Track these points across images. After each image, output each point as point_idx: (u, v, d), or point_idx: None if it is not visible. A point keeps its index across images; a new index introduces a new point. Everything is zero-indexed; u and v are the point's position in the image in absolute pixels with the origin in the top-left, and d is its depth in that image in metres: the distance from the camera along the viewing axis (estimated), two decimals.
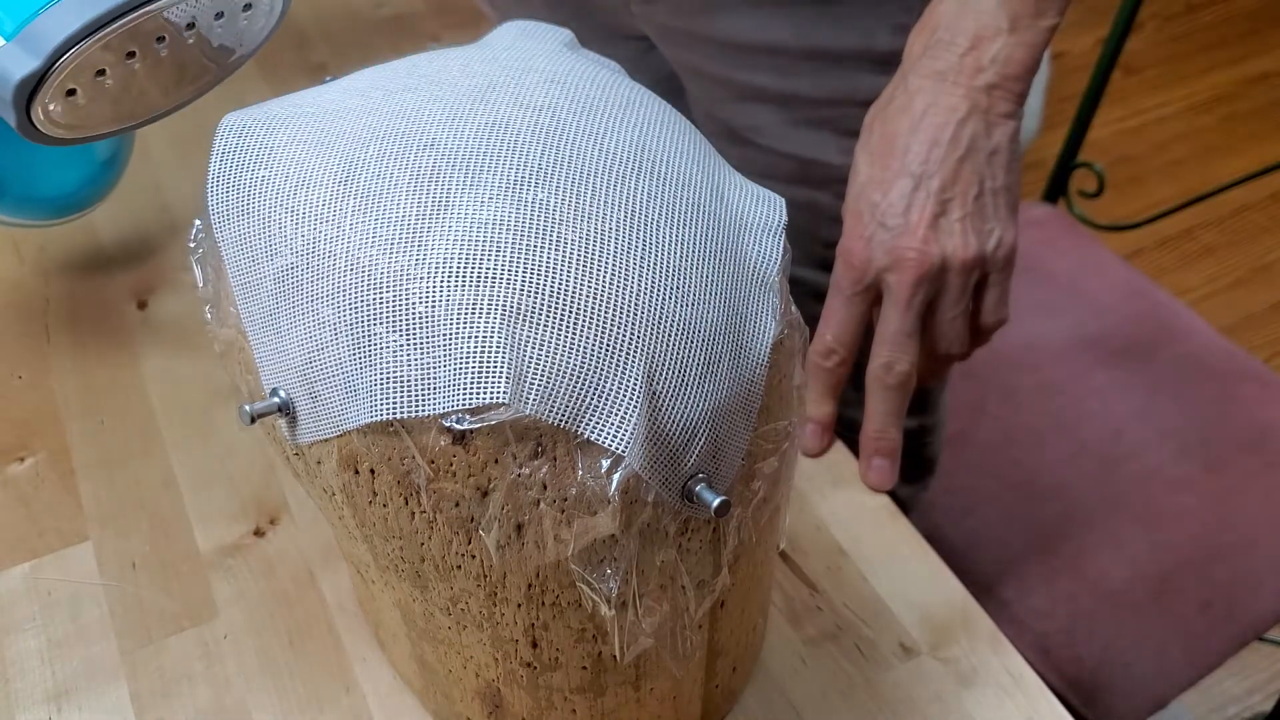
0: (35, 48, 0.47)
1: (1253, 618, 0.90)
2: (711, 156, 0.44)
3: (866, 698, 0.55)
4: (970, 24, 0.56)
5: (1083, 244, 1.19)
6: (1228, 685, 1.39)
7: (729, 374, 0.39)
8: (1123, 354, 1.07)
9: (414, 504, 0.39)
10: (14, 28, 0.47)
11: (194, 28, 0.52)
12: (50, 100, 0.49)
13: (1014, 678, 0.55)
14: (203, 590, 0.59)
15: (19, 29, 0.47)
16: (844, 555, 0.60)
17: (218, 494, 0.63)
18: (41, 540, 0.61)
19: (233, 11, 0.53)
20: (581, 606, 0.41)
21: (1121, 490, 0.96)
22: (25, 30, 0.46)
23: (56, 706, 0.54)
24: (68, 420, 0.67)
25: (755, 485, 0.42)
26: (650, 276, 0.38)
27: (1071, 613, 0.88)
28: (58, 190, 0.71)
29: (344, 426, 0.39)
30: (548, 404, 0.36)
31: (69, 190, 0.71)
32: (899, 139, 0.57)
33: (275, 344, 0.41)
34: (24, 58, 0.47)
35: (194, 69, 0.55)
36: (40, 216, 0.72)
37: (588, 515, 0.37)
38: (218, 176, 0.42)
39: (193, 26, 0.52)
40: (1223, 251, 1.96)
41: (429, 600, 0.44)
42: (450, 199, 0.38)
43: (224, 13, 0.53)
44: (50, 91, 0.48)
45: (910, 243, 0.56)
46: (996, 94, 0.56)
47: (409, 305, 0.37)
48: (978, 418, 1.02)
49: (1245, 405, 1.03)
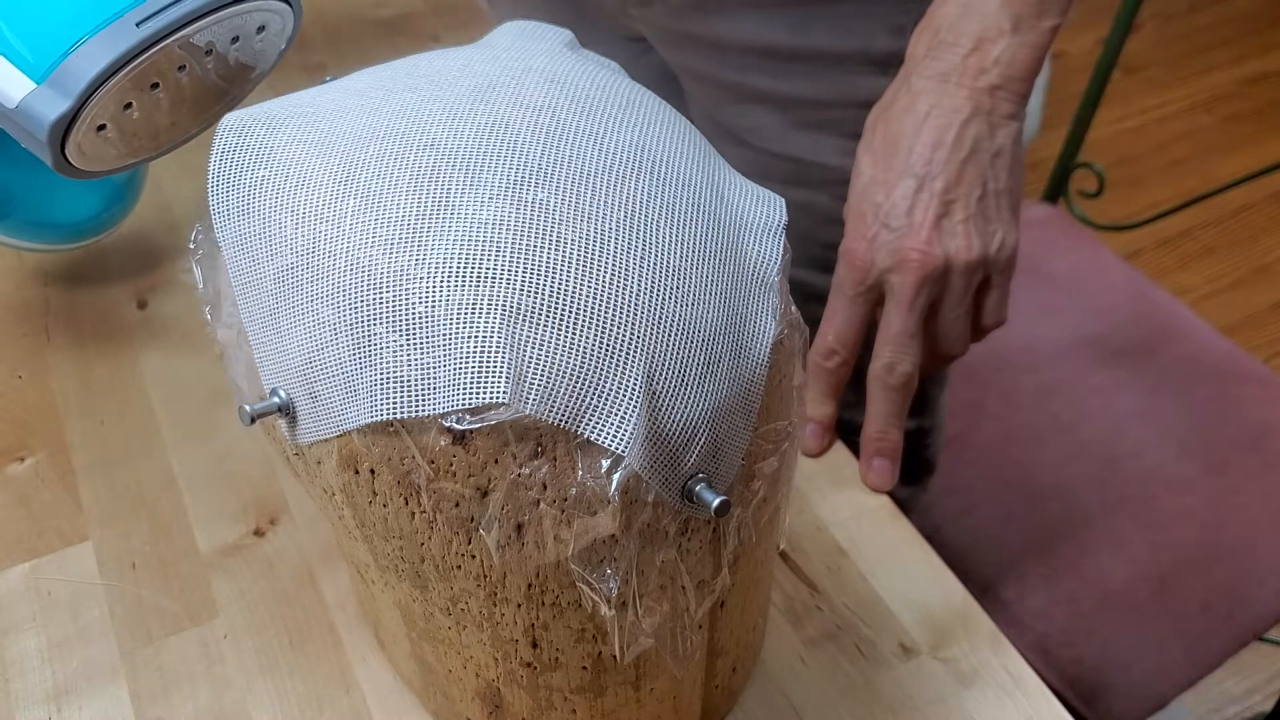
0: (66, 89, 0.47)
1: (1253, 618, 0.90)
2: (711, 156, 0.44)
3: (866, 698, 0.55)
4: (973, 25, 0.56)
5: (1083, 244, 1.19)
6: (1228, 685, 1.39)
7: (729, 374, 0.39)
8: (1123, 354, 1.07)
9: (414, 504, 0.39)
10: (44, 70, 0.47)
11: (212, 53, 0.52)
12: (82, 137, 0.49)
13: (1014, 678, 0.55)
14: (203, 590, 0.59)
15: (49, 71, 0.47)
16: (844, 555, 0.60)
17: (218, 494, 0.63)
18: (41, 540, 0.61)
19: (248, 34, 0.53)
20: (581, 606, 0.41)
21: (1121, 490, 0.96)
22: (55, 72, 0.47)
23: (56, 706, 0.54)
24: (68, 420, 0.67)
25: (755, 485, 0.42)
26: (650, 276, 0.38)
27: (1071, 613, 0.88)
28: (73, 215, 0.70)
29: (344, 426, 0.39)
30: (548, 404, 0.36)
31: (85, 215, 0.71)
32: (902, 140, 0.57)
33: (275, 344, 0.41)
34: (56, 99, 0.47)
35: (214, 93, 0.55)
36: (54, 241, 0.72)
37: (588, 515, 0.37)
38: (218, 176, 0.42)
39: (211, 52, 0.52)
40: (1223, 251, 1.96)
41: (429, 600, 0.44)
42: (450, 199, 0.38)
43: (240, 36, 0.53)
44: (83, 129, 0.49)
45: (914, 244, 0.56)
46: (1000, 95, 0.56)
47: (409, 305, 0.37)
48: (978, 418, 1.02)
49: (1245, 405, 1.03)
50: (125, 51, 0.47)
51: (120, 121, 0.51)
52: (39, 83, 0.48)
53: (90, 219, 0.71)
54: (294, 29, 0.57)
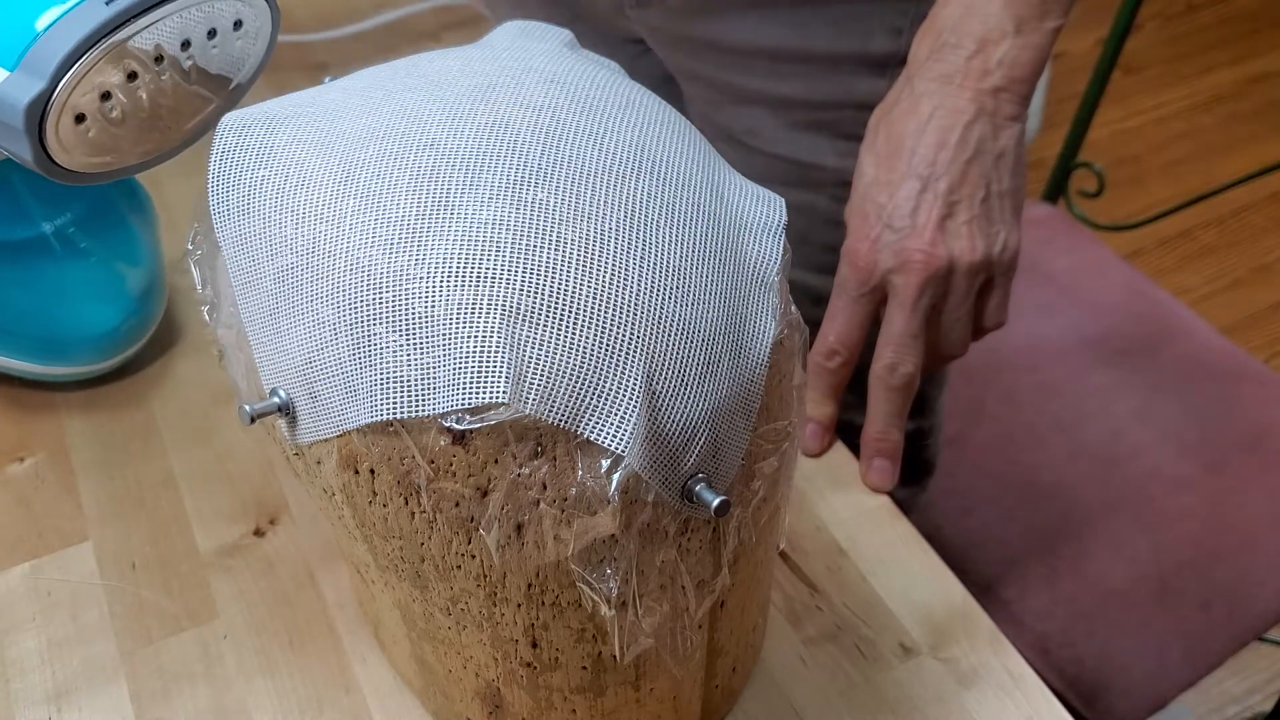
0: (38, 70, 0.48)
1: (1253, 618, 0.90)
2: (711, 156, 0.44)
3: (866, 698, 0.55)
4: (976, 27, 0.56)
5: (1083, 244, 1.19)
6: (1228, 685, 1.39)
7: (729, 374, 0.39)
8: (1123, 354, 1.07)
9: (414, 504, 0.39)
10: (16, 57, 0.48)
11: (189, 46, 0.52)
12: (61, 128, 0.49)
13: (1014, 678, 0.55)
14: (203, 590, 0.59)
15: (20, 58, 0.48)
16: (844, 555, 0.60)
17: (218, 494, 0.63)
18: (41, 540, 0.61)
19: (224, 30, 0.53)
20: (581, 606, 0.41)
21: (1121, 490, 0.96)
22: (27, 57, 0.48)
23: (56, 707, 0.54)
24: (68, 420, 0.67)
25: (755, 485, 0.42)
26: (650, 276, 0.38)
27: (1071, 613, 0.88)
28: (87, 330, 0.65)
29: (344, 426, 0.39)
30: (547, 404, 0.36)
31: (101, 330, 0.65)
32: (906, 141, 0.57)
33: (275, 344, 0.41)
34: (29, 82, 0.48)
35: (195, 101, 0.55)
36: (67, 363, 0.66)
37: (588, 515, 0.37)
38: (218, 176, 0.42)
39: (188, 45, 0.52)
40: (1223, 251, 1.96)
41: (429, 600, 0.44)
42: (450, 199, 0.38)
43: (216, 30, 0.53)
44: (58, 114, 0.49)
45: (918, 244, 0.56)
46: (1003, 97, 0.56)
47: (409, 305, 0.37)
48: (978, 418, 1.02)
49: (1245, 405, 1.03)
50: (95, 29, 0.47)
51: (101, 115, 0.51)
52: (11, 70, 0.48)
53: (107, 334, 0.66)
54: (272, 33, 0.57)
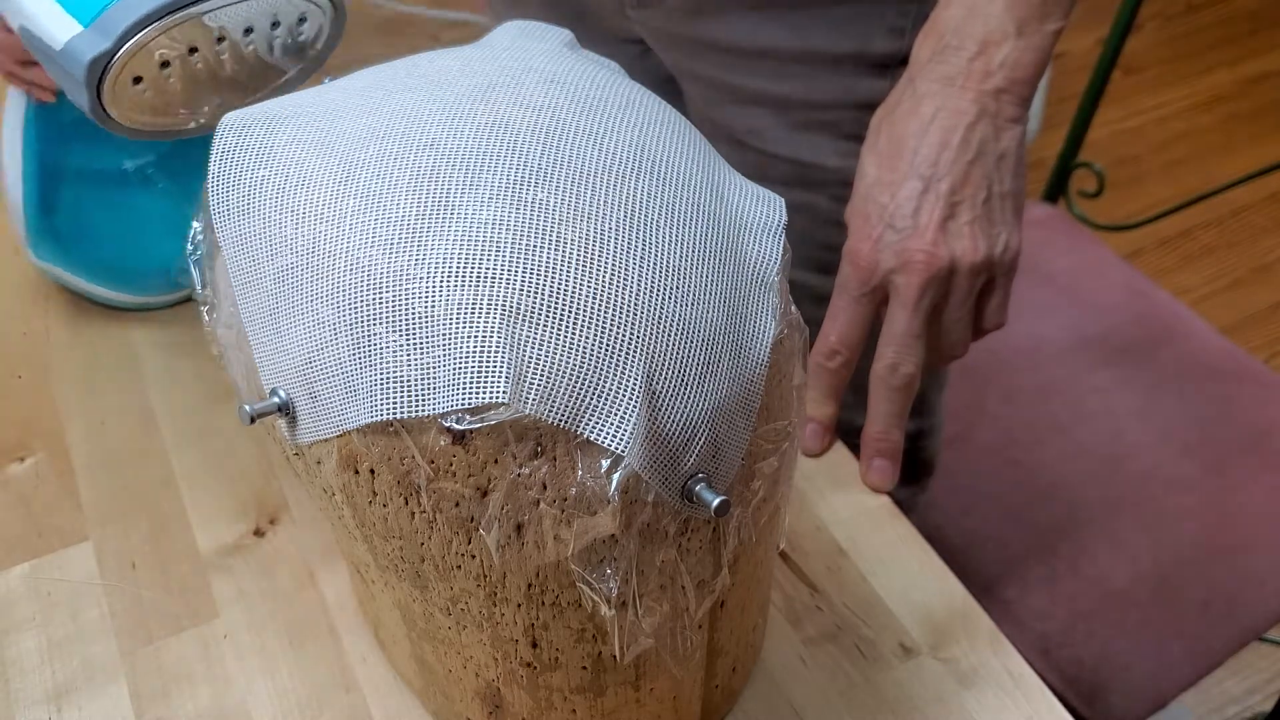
0: (107, 31, 0.53)
1: (1253, 618, 0.90)
2: (711, 156, 0.44)
3: (866, 698, 0.55)
4: (978, 29, 0.56)
5: (1083, 244, 1.19)
6: (1228, 685, 1.39)
7: (729, 374, 0.39)
8: (1123, 354, 1.07)
9: (414, 504, 0.39)
10: (92, 15, 0.53)
11: (251, 33, 0.56)
12: (118, 85, 0.54)
13: (1014, 678, 0.55)
14: (203, 590, 0.59)
15: (95, 17, 0.53)
16: (844, 555, 0.60)
17: (218, 494, 0.63)
18: (41, 540, 0.61)
19: (289, 22, 0.57)
20: (581, 606, 0.41)
21: (1121, 490, 0.96)
22: (100, 18, 0.53)
23: (56, 707, 0.54)
24: (68, 420, 0.67)
25: (755, 485, 0.42)
26: (650, 276, 0.38)
27: (1071, 613, 0.88)
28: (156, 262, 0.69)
29: (344, 426, 0.39)
30: (547, 404, 0.36)
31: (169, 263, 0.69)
32: (908, 141, 0.57)
33: (275, 344, 0.41)
34: (97, 39, 0.53)
35: (251, 83, 0.59)
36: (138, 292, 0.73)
37: (588, 515, 0.37)
38: (218, 176, 0.42)
39: (250, 31, 0.56)
40: (1223, 251, 1.96)
41: (429, 600, 0.44)
42: (450, 199, 0.38)
43: (279, 21, 0.57)
44: (118, 74, 0.53)
45: (919, 244, 0.56)
46: (1005, 98, 0.56)
47: (409, 305, 0.37)
48: (978, 418, 1.02)
49: (1245, 405, 1.03)
50: (168, 2, 0.53)
51: (157, 81, 0.55)
52: (86, 26, 0.53)
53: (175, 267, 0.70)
54: (335, 32, 0.60)
